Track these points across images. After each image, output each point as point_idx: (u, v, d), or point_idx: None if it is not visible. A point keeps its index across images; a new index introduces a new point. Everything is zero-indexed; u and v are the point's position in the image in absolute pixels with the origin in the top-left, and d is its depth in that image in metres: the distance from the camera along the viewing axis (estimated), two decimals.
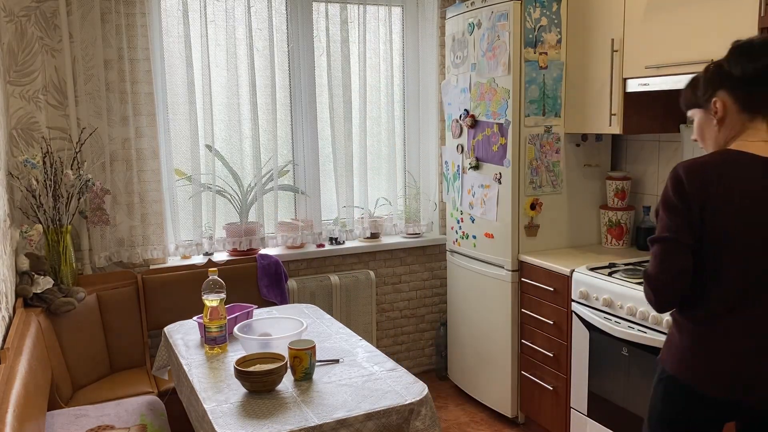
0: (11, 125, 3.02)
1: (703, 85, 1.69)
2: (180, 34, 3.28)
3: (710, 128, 1.69)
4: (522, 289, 3.20)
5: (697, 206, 1.59)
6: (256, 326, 2.44)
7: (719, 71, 1.65)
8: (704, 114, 1.70)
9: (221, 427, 1.79)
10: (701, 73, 1.71)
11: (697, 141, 1.77)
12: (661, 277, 1.65)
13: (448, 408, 3.59)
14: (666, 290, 1.65)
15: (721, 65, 1.65)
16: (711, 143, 1.71)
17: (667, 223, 1.63)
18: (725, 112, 1.65)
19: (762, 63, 1.59)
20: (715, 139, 1.69)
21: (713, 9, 2.40)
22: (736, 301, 1.61)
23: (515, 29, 3.05)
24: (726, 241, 1.59)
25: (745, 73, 1.60)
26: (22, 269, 2.78)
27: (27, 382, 2.03)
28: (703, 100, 1.68)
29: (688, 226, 1.61)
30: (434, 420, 1.95)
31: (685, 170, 1.62)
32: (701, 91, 1.69)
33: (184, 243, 3.40)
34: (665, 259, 1.64)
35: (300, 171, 3.71)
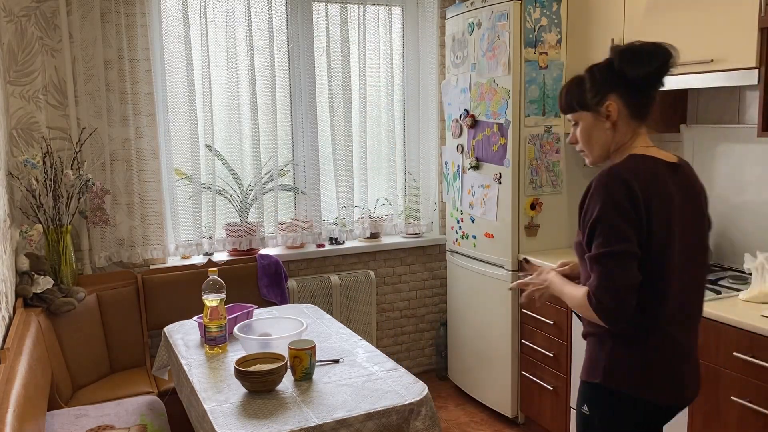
0: (11, 125, 3.02)
1: (592, 86, 1.63)
2: (180, 34, 3.28)
3: (602, 132, 1.64)
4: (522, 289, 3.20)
5: (645, 213, 1.54)
6: (256, 326, 2.44)
7: (611, 73, 1.60)
8: (594, 117, 1.64)
9: (221, 427, 1.79)
10: (585, 74, 1.66)
11: (575, 144, 1.72)
12: (622, 292, 1.52)
13: (448, 408, 3.59)
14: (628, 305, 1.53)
15: (611, 67, 1.60)
16: (599, 149, 1.67)
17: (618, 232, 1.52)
18: (618, 116, 1.61)
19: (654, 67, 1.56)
20: (605, 144, 1.65)
21: (713, 9, 2.40)
22: (680, 307, 1.61)
23: (515, 29, 3.05)
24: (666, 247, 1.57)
25: (637, 76, 1.57)
26: (22, 269, 2.78)
27: (27, 382, 2.03)
28: (594, 103, 1.63)
29: (637, 234, 1.54)
30: (434, 420, 1.95)
31: (629, 174, 1.55)
32: (591, 94, 1.63)
33: (184, 243, 3.40)
34: (624, 273, 1.52)
35: (300, 171, 3.71)
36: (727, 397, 2.18)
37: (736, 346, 2.14)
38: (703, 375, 2.26)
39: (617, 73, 1.59)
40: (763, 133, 2.29)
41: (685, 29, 2.52)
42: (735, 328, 2.14)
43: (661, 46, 1.57)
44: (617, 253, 1.52)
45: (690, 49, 2.50)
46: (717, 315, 2.20)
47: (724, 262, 2.83)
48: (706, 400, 2.26)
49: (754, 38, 2.26)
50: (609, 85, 1.61)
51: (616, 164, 1.60)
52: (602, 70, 1.63)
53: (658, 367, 1.62)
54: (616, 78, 1.60)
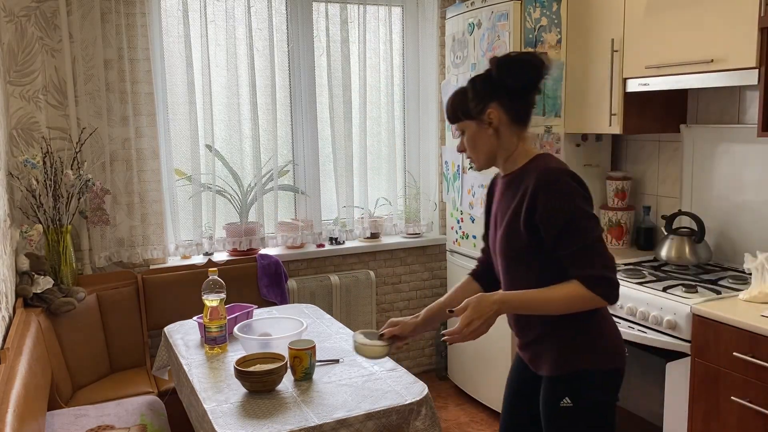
0: (11, 125, 3.02)
1: (475, 96, 1.72)
2: (180, 34, 3.28)
3: (485, 139, 1.74)
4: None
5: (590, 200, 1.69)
6: (256, 326, 2.44)
7: (490, 83, 1.70)
8: (478, 125, 1.74)
9: (221, 427, 1.79)
10: (467, 85, 1.76)
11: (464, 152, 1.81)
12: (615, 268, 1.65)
13: (448, 408, 3.59)
14: None
15: (490, 77, 1.71)
16: (485, 154, 1.77)
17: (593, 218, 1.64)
18: (499, 122, 1.72)
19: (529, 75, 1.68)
20: (490, 149, 1.76)
21: (713, 9, 2.40)
22: None
23: (515, 29, 3.05)
24: None
25: (514, 84, 1.68)
26: (22, 269, 2.78)
27: (27, 382, 2.03)
28: (476, 112, 1.72)
29: None
30: (434, 420, 1.95)
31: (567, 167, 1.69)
32: (473, 103, 1.72)
33: (184, 243, 3.40)
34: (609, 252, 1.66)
35: (300, 171, 3.71)
36: (727, 397, 2.18)
37: (736, 346, 2.14)
38: (702, 374, 2.26)
39: (496, 82, 1.70)
40: (763, 133, 2.29)
41: (685, 29, 2.52)
42: (735, 328, 2.14)
43: (536, 55, 1.70)
44: (601, 237, 1.64)
45: (690, 49, 2.50)
46: (717, 315, 2.20)
47: (724, 262, 2.83)
48: (706, 400, 2.26)
49: (754, 38, 2.26)
50: (489, 94, 1.71)
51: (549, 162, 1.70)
52: (483, 80, 1.73)
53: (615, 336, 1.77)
54: (495, 87, 1.71)
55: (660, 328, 2.41)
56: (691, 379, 2.31)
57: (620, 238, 3.25)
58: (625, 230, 3.24)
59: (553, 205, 1.63)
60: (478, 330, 1.64)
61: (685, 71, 2.53)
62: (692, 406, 2.32)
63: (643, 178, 3.29)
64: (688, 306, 2.31)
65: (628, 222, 3.24)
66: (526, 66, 1.68)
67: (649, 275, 2.69)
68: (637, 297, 2.51)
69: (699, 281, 2.56)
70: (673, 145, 3.10)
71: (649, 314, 2.44)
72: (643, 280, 2.63)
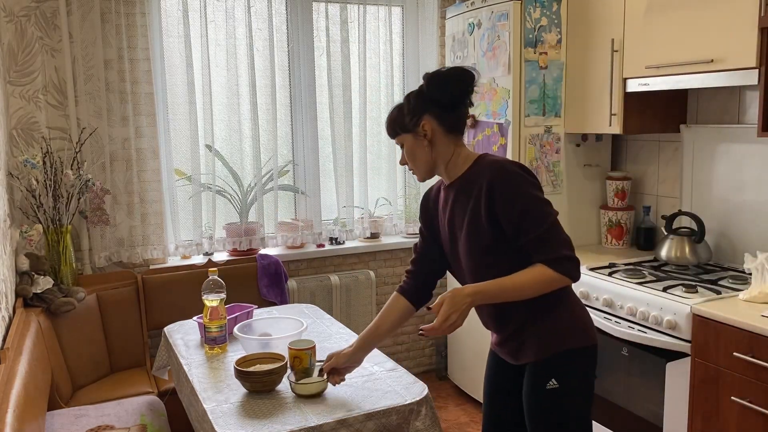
0: (11, 125, 3.02)
1: (409, 111, 1.82)
2: (180, 34, 3.28)
3: (422, 150, 1.83)
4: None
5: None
6: (256, 326, 2.44)
7: (422, 97, 1.80)
8: (414, 137, 1.83)
9: (221, 427, 1.79)
10: (403, 102, 1.85)
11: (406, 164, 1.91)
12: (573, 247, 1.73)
13: (448, 408, 3.59)
14: None
15: (422, 92, 1.80)
16: (423, 164, 1.86)
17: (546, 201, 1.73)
18: (433, 134, 1.81)
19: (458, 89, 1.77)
20: (427, 160, 1.85)
21: (713, 9, 2.40)
22: None
23: (515, 29, 3.05)
24: None
25: (444, 98, 1.77)
26: (22, 269, 2.78)
27: (27, 382, 2.03)
28: (412, 125, 1.82)
29: None
30: (434, 420, 1.95)
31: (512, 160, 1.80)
32: (408, 117, 1.82)
33: (184, 243, 3.40)
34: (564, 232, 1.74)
35: (300, 171, 3.71)
36: (727, 397, 2.18)
37: (736, 346, 2.14)
38: (702, 374, 2.26)
39: (427, 97, 1.79)
40: (763, 133, 2.29)
41: (685, 29, 2.52)
42: (735, 328, 2.14)
43: (464, 70, 1.79)
44: (556, 220, 1.72)
45: (690, 49, 2.50)
46: (717, 315, 2.20)
47: (724, 262, 2.83)
48: (706, 400, 2.26)
49: (754, 38, 2.26)
50: (422, 108, 1.80)
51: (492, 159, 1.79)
52: (416, 96, 1.82)
53: (585, 313, 1.86)
54: (426, 101, 1.80)
55: (660, 328, 2.41)
56: (691, 379, 2.31)
57: (620, 238, 3.25)
58: (625, 230, 3.24)
59: (510, 195, 1.71)
60: (455, 323, 1.71)
61: (685, 71, 2.53)
62: (692, 406, 2.32)
63: (643, 178, 3.29)
64: (688, 306, 2.31)
65: (628, 222, 3.24)
66: (453, 81, 1.77)
67: (649, 275, 2.69)
68: (637, 297, 2.51)
69: (699, 281, 2.56)
70: (673, 145, 3.10)
71: (649, 314, 2.44)
72: (643, 280, 2.63)
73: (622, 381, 2.62)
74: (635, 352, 2.52)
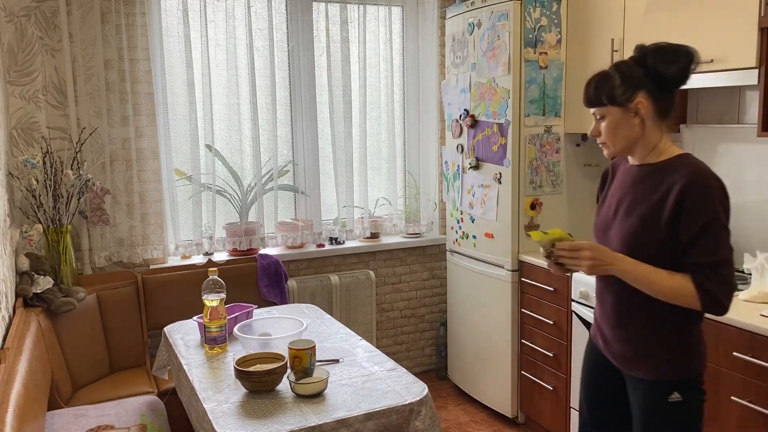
0: (11, 125, 3.02)
1: (622, 83, 1.68)
2: (180, 34, 3.28)
3: (629, 127, 1.70)
4: (522, 288, 3.20)
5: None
6: (256, 326, 2.44)
7: (642, 71, 1.66)
8: (623, 112, 1.70)
9: (221, 427, 1.79)
10: (611, 70, 1.71)
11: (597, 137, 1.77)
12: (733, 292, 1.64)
13: (448, 408, 3.59)
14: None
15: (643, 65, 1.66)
16: (624, 142, 1.73)
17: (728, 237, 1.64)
18: (646, 113, 1.68)
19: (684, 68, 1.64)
20: (631, 139, 1.72)
21: (713, 9, 2.40)
22: None
23: (515, 29, 3.05)
24: None
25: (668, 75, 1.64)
26: (22, 269, 2.78)
27: (27, 382, 2.03)
28: (624, 99, 1.68)
29: None
30: (434, 420, 1.95)
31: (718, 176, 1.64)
32: (620, 90, 1.68)
33: (184, 243, 3.40)
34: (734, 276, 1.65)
35: (300, 171, 3.71)
36: (727, 397, 2.18)
37: (736, 346, 2.14)
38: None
39: (648, 70, 1.65)
40: (763, 133, 2.29)
41: (685, 29, 2.52)
42: (735, 328, 2.14)
43: (686, 47, 1.64)
44: (729, 261, 1.61)
45: None
46: None
47: None
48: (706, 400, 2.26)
49: (754, 38, 2.26)
50: (639, 83, 1.66)
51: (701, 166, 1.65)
52: (631, 67, 1.68)
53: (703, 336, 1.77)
54: (645, 76, 1.66)
55: None
56: None
57: None
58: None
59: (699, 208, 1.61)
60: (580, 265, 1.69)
61: None
62: None
63: None
64: None
65: None
66: (681, 57, 1.64)
67: None
68: None
69: None
70: None
71: None
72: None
73: None
74: None
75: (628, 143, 1.73)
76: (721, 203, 1.61)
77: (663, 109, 1.69)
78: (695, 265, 1.62)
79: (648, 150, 1.73)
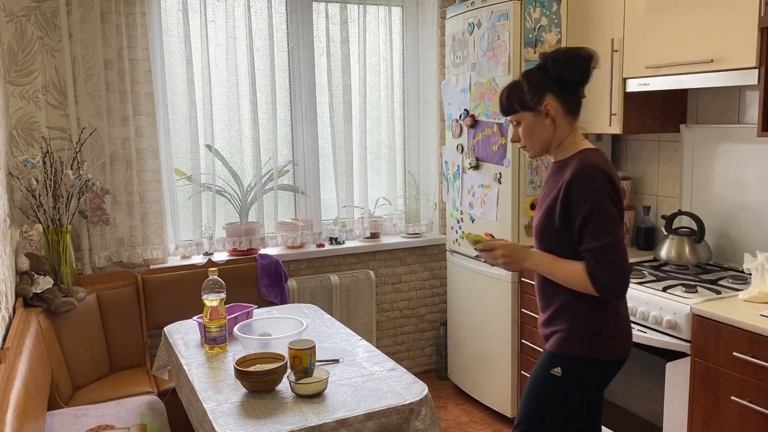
0: (11, 125, 3.02)
1: (530, 89, 1.86)
2: (180, 34, 3.28)
3: (543, 128, 1.88)
4: (522, 288, 3.20)
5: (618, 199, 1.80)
6: (256, 326, 2.44)
7: (546, 76, 1.84)
8: (535, 116, 1.88)
9: (221, 427, 1.79)
10: (521, 79, 1.90)
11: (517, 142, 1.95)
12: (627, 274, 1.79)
13: (448, 408, 3.59)
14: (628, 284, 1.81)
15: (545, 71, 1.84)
16: (541, 143, 1.91)
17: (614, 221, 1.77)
18: (555, 113, 1.85)
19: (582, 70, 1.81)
20: (547, 139, 1.90)
21: (713, 9, 2.40)
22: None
23: (515, 29, 3.05)
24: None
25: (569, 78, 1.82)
26: (22, 269, 2.78)
27: (27, 382, 2.03)
28: (533, 104, 1.86)
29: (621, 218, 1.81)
30: (434, 420, 1.95)
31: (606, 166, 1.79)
32: (529, 96, 1.86)
33: (184, 243, 3.40)
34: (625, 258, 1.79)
35: (300, 171, 3.71)
36: (727, 397, 2.18)
37: (736, 346, 2.14)
38: (702, 374, 2.26)
39: (551, 76, 1.83)
40: (763, 133, 2.29)
41: (685, 29, 2.52)
42: (735, 328, 2.14)
43: (587, 50, 1.82)
44: (618, 241, 1.75)
45: (690, 49, 2.50)
46: (717, 315, 2.20)
47: (724, 262, 2.83)
48: (706, 400, 2.26)
49: (754, 38, 2.26)
50: (545, 87, 1.85)
51: (589, 159, 1.80)
52: (538, 74, 1.87)
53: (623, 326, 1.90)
54: (550, 80, 1.84)
55: (660, 328, 2.41)
56: (691, 379, 2.31)
57: None
58: (624, 230, 3.24)
59: (578, 197, 1.77)
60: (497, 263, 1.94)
61: (685, 71, 2.53)
62: (692, 406, 2.32)
63: (643, 178, 3.29)
64: (688, 306, 2.31)
65: (628, 222, 3.24)
66: (578, 61, 1.81)
67: (649, 275, 2.69)
68: (637, 297, 2.51)
69: (699, 281, 2.56)
70: (673, 145, 3.10)
71: (649, 314, 2.44)
72: (643, 280, 2.63)
73: (622, 381, 2.62)
74: (635, 351, 2.52)
75: (544, 143, 1.91)
76: (605, 191, 1.75)
77: (571, 108, 1.87)
78: (585, 252, 1.78)
79: (558, 147, 1.91)
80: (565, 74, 1.81)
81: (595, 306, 1.84)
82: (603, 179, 1.76)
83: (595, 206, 1.75)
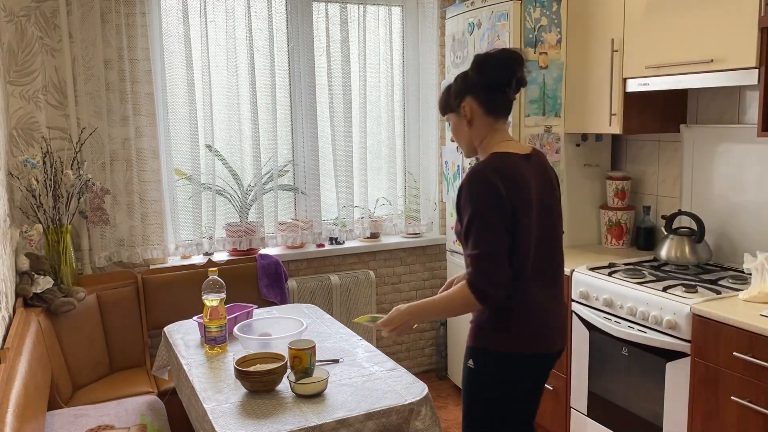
0: (11, 125, 3.02)
1: (454, 92, 1.91)
2: (180, 34, 3.28)
3: (462, 129, 1.93)
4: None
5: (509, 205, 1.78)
6: (256, 326, 2.44)
7: (466, 80, 1.89)
8: (457, 117, 1.93)
9: (221, 427, 1.79)
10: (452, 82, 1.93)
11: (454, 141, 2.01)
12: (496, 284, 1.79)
13: (448, 408, 3.59)
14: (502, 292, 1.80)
15: (467, 75, 1.89)
16: (464, 144, 1.96)
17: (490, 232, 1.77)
18: (473, 115, 1.89)
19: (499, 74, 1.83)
20: (468, 139, 1.94)
21: (713, 9, 2.40)
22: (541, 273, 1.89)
23: (515, 29, 3.05)
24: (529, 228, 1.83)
25: (485, 81, 1.85)
26: (22, 269, 2.78)
27: (27, 382, 2.03)
28: (455, 105, 1.92)
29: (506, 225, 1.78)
30: (434, 420, 1.95)
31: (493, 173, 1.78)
32: (452, 98, 1.92)
33: (184, 243, 3.40)
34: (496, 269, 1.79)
35: (300, 171, 3.71)
36: (727, 397, 2.18)
37: (736, 346, 2.14)
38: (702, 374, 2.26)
39: (470, 78, 1.88)
40: (763, 133, 2.29)
41: (685, 29, 2.52)
42: (735, 328, 2.14)
43: (512, 52, 1.85)
44: (490, 253, 1.76)
45: (690, 49, 2.50)
46: (717, 315, 2.20)
47: (724, 262, 2.83)
48: (706, 400, 2.26)
49: (754, 38, 2.26)
50: (465, 89, 1.89)
51: (481, 165, 1.83)
52: (462, 77, 1.90)
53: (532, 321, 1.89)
54: (469, 83, 1.88)
55: (660, 328, 2.41)
56: (691, 379, 2.31)
57: (620, 238, 3.25)
58: (625, 230, 3.24)
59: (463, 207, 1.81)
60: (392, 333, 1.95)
61: (685, 71, 2.53)
62: (692, 406, 2.32)
63: (643, 178, 3.29)
64: (688, 306, 2.31)
65: (628, 222, 3.24)
66: (497, 64, 1.84)
67: (649, 275, 2.69)
68: (637, 297, 2.51)
69: (699, 281, 2.56)
70: (673, 145, 3.10)
71: (649, 314, 2.44)
72: (642, 280, 2.63)
73: (622, 381, 2.62)
74: (635, 351, 2.53)
75: (467, 143, 1.95)
76: (482, 200, 1.77)
77: (491, 109, 1.88)
78: (466, 258, 1.82)
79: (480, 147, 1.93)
80: (482, 77, 1.85)
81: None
82: (484, 187, 1.77)
83: (472, 215, 1.78)
